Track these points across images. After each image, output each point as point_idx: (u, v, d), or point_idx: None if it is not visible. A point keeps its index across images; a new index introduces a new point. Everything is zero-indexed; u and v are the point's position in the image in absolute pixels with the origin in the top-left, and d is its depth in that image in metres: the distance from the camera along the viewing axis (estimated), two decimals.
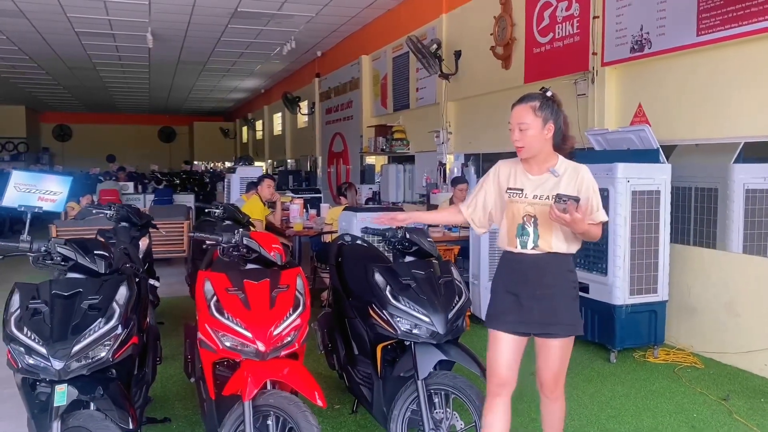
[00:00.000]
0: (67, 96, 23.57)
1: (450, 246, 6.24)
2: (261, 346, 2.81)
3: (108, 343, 2.68)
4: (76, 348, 2.59)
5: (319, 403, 2.87)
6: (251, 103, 25.33)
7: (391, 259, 3.75)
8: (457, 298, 3.29)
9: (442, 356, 3.17)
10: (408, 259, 3.54)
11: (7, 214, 14.21)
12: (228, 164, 28.89)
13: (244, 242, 3.08)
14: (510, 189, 2.92)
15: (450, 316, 3.18)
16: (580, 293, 5.30)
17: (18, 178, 3.34)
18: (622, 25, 5.94)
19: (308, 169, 16.63)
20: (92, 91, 22.23)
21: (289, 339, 2.91)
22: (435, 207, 8.03)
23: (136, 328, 2.92)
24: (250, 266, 3.17)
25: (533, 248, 2.84)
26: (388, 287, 3.27)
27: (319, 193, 10.47)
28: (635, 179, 5.07)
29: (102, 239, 5.08)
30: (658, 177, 5.16)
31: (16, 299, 2.71)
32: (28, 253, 2.79)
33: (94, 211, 5.07)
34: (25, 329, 2.61)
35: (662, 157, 5.24)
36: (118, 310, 2.75)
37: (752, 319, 4.92)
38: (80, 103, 26.29)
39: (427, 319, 3.14)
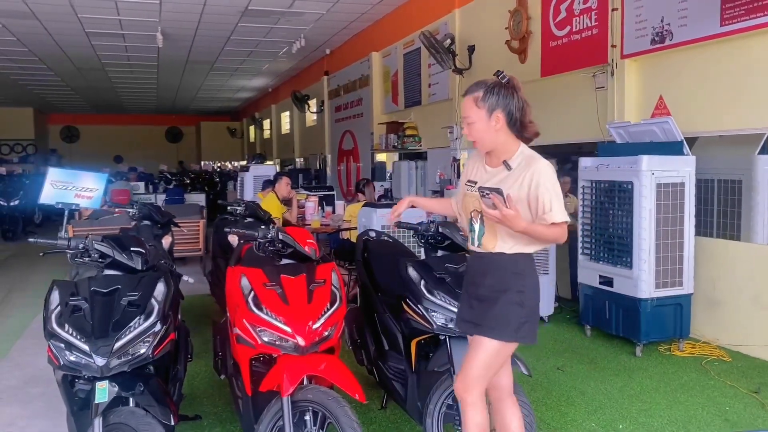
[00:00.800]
0: (74, 97, 23.62)
1: None
2: (301, 341, 2.80)
3: (148, 339, 2.68)
4: (118, 344, 2.59)
5: (358, 397, 2.86)
6: (258, 102, 25.33)
7: (423, 253, 3.72)
8: None
9: None
10: (440, 253, 3.51)
11: (20, 215, 14.26)
12: (236, 164, 28.93)
13: (280, 237, 3.06)
14: (468, 182, 2.76)
15: None
16: (604, 287, 5.35)
17: (54, 175, 3.34)
18: (641, 18, 5.90)
19: (318, 167, 16.61)
20: (100, 92, 22.28)
21: (327, 334, 2.90)
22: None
23: (173, 325, 2.91)
24: (285, 261, 3.16)
25: (478, 246, 2.68)
26: (423, 281, 3.26)
27: (332, 190, 10.43)
28: (659, 171, 5.04)
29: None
30: (683, 169, 5.13)
31: (55, 296, 2.70)
32: (67, 250, 2.78)
33: (116, 210, 5.06)
34: (66, 326, 2.60)
35: (686, 149, 5.20)
36: (156, 307, 2.74)
37: None
38: (87, 104, 26.35)
39: None
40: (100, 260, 2.81)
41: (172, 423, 2.61)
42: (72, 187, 3.34)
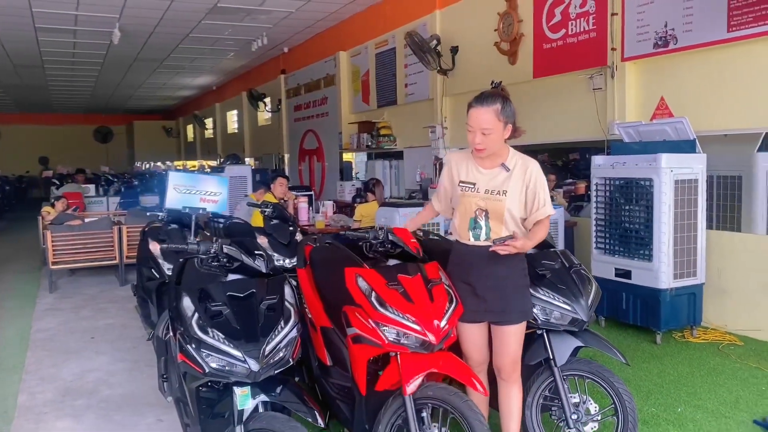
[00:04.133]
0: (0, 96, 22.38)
1: None
2: (432, 338, 2.83)
3: (288, 343, 2.65)
4: (267, 349, 2.55)
5: (480, 390, 2.92)
6: (199, 101, 24.72)
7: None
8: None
9: (579, 343, 3.27)
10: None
11: None
12: (171, 164, 28.08)
13: (390, 238, 3.09)
14: (462, 182, 2.99)
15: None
16: (622, 279, 5.61)
17: (175, 179, 3.22)
18: (643, 22, 6.21)
19: (274, 166, 16.40)
20: (32, 90, 21.22)
21: (450, 331, 2.95)
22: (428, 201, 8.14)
23: None
24: (392, 262, 3.18)
25: (486, 240, 2.94)
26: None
27: (311, 191, 10.38)
28: (677, 169, 5.33)
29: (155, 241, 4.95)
30: (696, 166, 5.45)
31: (188, 303, 2.63)
32: (199, 255, 2.71)
33: (148, 213, 4.89)
34: (210, 332, 2.54)
35: (698, 147, 5.52)
36: (292, 310, 2.72)
37: None
38: (13, 103, 24.99)
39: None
40: (227, 264, 2.75)
41: (322, 424, 2.60)
42: (196, 191, 3.22)
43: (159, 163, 26.44)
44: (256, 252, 2.85)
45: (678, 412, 4.01)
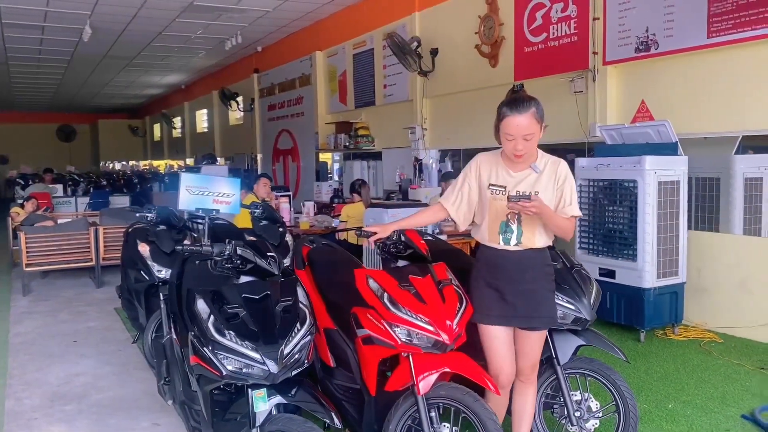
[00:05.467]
0: None
1: (467, 239, 6.42)
2: (446, 339, 2.86)
3: (304, 345, 2.65)
4: (285, 351, 2.54)
5: (492, 388, 2.95)
6: (166, 99, 24.36)
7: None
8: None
9: (581, 342, 3.33)
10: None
11: None
12: (142, 163, 27.64)
13: (403, 239, 3.11)
14: (492, 185, 2.93)
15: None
16: (606, 279, 5.72)
17: (188, 180, 3.16)
18: (625, 27, 6.34)
19: (246, 166, 16.28)
20: None
21: (460, 332, 2.97)
22: (416, 202, 8.18)
23: None
24: (401, 263, 3.20)
25: (516, 245, 2.90)
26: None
27: (289, 191, 10.32)
28: (661, 171, 5.47)
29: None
30: (678, 168, 5.59)
31: (202, 305, 2.61)
32: (214, 257, 2.69)
33: (137, 215, 4.80)
34: (228, 334, 2.52)
35: (680, 150, 5.67)
36: (307, 312, 2.72)
37: (765, 295, 5.45)
38: None
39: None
40: (241, 266, 2.73)
41: (339, 425, 2.60)
42: (209, 193, 3.16)
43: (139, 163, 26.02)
44: (268, 254, 2.83)
45: (669, 408, 4.12)
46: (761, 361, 4.97)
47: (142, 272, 4.91)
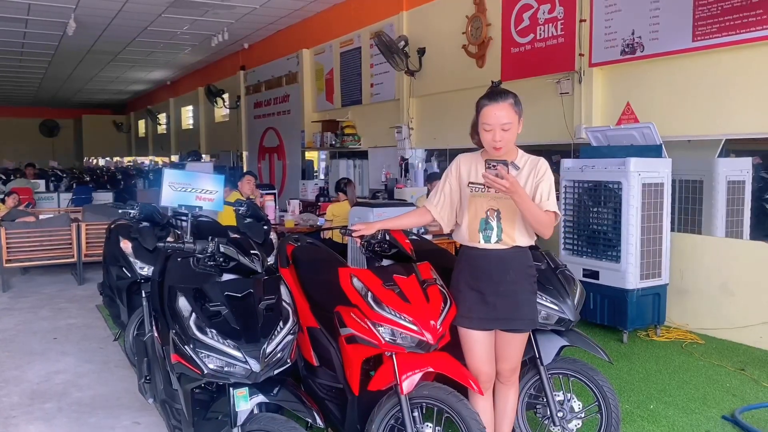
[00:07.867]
0: None
1: (452, 239, 6.40)
2: (430, 338, 2.85)
3: (287, 344, 2.63)
4: (268, 349, 2.52)
5: (475, 388, 2.95)
6: (151, 95, 24.18)
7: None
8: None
9: (564, 342, 3.34)
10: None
11: None
12: (127, 160, 27.41)
13: (387, 238, 3.09)
14: (472, 183, 2.93)
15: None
16: (590, 280, 5.75)
17: (171, 176, 3.12)
18: (611, 29, 6.37)
19: (232, 164, 16.19)
20: None
21: (444, 332, 2.97)
22: (401, 201, 8.17)
23: None
24: (386, 262, 3.19)
25: (497, 242, 2.88)
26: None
27: (274, 189, 10.26)
28: (645, 173, 5.50)
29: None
30: (663, 170, 5.63)
31: (184, 303, 2.58)
32: (197, 255, 2.66)
33: (119, 211, 4.75)
34: (209, 332, 2.50)
35: (664, 152, 5.70)
36: (291, 311, 2.70)
37: (746, 297, 5.50)
38: None
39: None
40: (223, 264, 2.71)
41: (322, 424, 2.58)
42: (191, 189, 3.11)
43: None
44: (251, 252, 2.81)
45: (651, 408, 4.14)
46: (742, 363, 5.02)
47: (124, 269, 4.86)
